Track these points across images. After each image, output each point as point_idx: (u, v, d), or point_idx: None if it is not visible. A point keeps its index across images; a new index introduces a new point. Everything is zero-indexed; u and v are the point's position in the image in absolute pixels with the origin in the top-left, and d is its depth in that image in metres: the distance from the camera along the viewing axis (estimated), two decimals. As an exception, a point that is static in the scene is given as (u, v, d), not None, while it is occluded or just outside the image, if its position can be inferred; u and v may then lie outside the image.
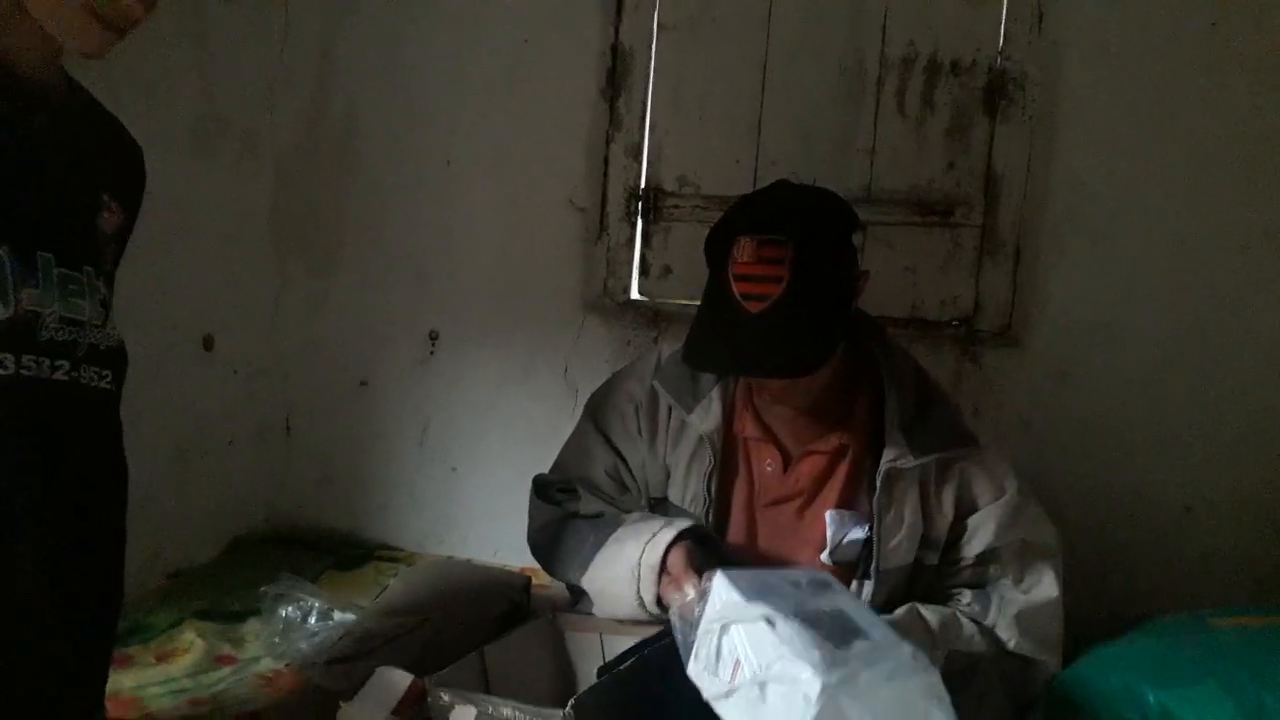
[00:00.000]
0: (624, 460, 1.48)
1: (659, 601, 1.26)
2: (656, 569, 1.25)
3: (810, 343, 1.20)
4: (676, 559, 1.24)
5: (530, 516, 1.53)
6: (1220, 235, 1.82)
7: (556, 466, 1.56)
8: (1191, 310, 1.84)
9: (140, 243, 2.24)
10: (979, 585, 1.34)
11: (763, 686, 0.96)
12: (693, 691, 1.03)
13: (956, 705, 1.06)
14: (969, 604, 1.33)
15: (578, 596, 1.45)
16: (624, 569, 1.28)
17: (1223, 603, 1.60)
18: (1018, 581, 1.32)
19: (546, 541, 1.47)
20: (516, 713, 1.09)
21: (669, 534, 1.27)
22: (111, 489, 1.06)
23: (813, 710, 0.91)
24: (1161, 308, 1.86)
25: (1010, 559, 1.32)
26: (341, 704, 1.25)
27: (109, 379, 1.00)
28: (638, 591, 1.27)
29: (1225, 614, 1.40)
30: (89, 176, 1.03)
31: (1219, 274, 1.83)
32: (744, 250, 1.21)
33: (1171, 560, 1.87)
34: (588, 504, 1.45)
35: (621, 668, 1.13)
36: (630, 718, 1.11)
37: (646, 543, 1.27)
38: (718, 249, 1.26)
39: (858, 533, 1.30)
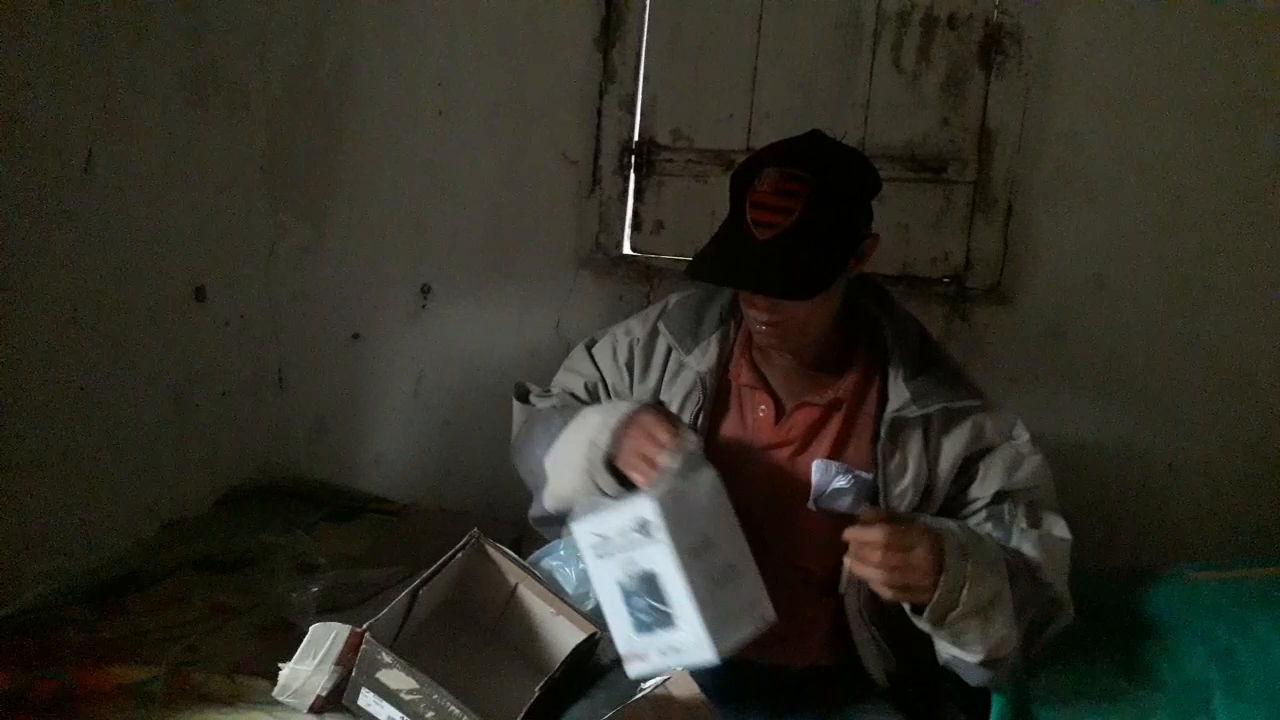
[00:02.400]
0: (604, 381, 1.53)
1: (609, 464, 1.28)
2: (613, 429, 1.28)
3: (802, 272, 1.23)
4: (649, 415, 1.28)
5: (513, 422, 1.59)
6: (1216, 190, 1.82)
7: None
8: (1184, 266, 1.85)
9: (132, 193, 2.25)
10: (995, 527, 1.33)
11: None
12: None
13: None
14: (990, 532, 1.32)
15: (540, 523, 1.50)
16: (581, 437, 1.32)
17: (1202, 558, 1.63)
18: (1033, 524, 1.32)
19: (521, 437, 1.53)
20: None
21: (630, 406, 1.31)
22: None
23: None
24: (1154, 264, 1.86)
25: (1021, 501, 1.33)
26: (281, 666, 1.27)
27: None
28: (588, 457, 1.29)
29: (1203, 567, 1.43)
30: None
31: (1214, 230, 1.83)
32: (765, 180, 1.25)
33: (1153, 516, 1.89)
34: (564, 401, 1.53)
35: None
36: None
37: (605, 415, 1.31)
38: (743, 178, 1.29)
39: (842, 481, 1.33)
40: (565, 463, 1.36)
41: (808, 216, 1.22)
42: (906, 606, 1.19)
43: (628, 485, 1.27)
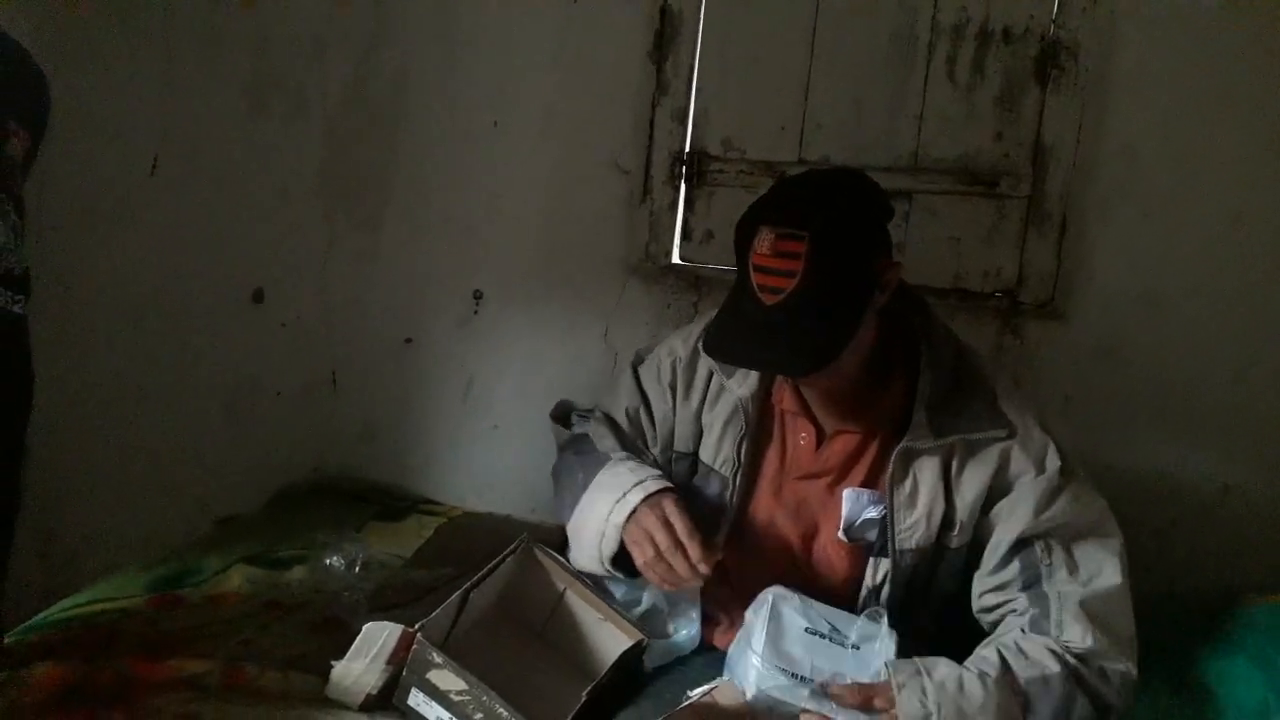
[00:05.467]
0: (648, 406, 1.54)
1: (615, 560, 1.33)
2: (620, 528, 1.31)
3: (813, 344, 1.20)
4: (671, 507, 1.29)
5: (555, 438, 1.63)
6: (1276, 208, 1.78)
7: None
8: (1242, 285, 1.82)
9: (195, 197, 2.31)
10: (1029, 578, 1.26)
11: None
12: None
13: None
14: (1025, 611, 1.25)
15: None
16: (595, 522, 1.35)
17: (1258, 582, 1.59)
18: (1073, 572, 1.24)
19: (557, 472, 1.56)
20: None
21: (637, 495, 1.31)
22: (15, 406, 1.07)
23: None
24: (1211, 282, 1.83)
25: (1057, 544, 1.26)
26: (334, 664, 1.29)
27: (21, 303, 1.01)
28: (599, 547, 1.34)
29: (1260, 591, 1.41)
30: None
31: (1273, 248, 1.79)
32: (764, 241, 1.21)
33: (1208, 538, 1.86)
34: (597, 432, 1.52)
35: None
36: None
37: (616, 501, 1.33)
38: (743, 236, 1.27)
39: (873, 511, 1.31)
40: (580, 542, 1.39)
41: (812, 275, 1.18)
42: None
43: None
